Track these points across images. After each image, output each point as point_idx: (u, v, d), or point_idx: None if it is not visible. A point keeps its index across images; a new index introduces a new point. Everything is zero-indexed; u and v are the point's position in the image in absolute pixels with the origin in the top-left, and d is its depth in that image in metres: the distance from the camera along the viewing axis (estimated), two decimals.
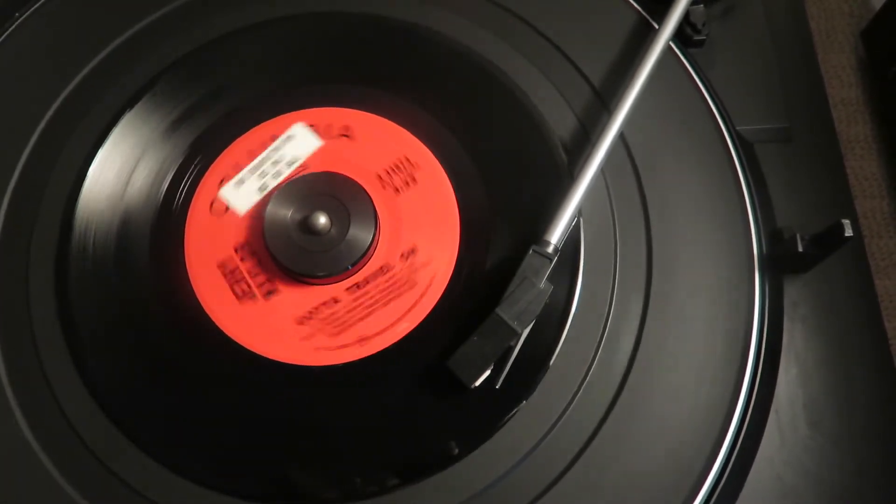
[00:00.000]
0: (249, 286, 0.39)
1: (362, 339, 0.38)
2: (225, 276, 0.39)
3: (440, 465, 0.35)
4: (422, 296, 0.38)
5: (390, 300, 0.38)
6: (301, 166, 0.41)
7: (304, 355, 0.38)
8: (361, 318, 0.38)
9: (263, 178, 0.39)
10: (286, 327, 0.38)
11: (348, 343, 0.38)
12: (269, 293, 0.39)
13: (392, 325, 0.38)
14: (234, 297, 0.39)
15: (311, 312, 0.38)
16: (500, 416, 0.36)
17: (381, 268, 0.39)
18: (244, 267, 0.39)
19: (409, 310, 0.38)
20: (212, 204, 0.40)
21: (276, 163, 0.39)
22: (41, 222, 0.41)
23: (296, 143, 0.39)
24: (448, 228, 0.40)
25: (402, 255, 0.39)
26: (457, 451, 0.36)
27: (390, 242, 0.39)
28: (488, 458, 0.36)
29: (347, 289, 0.39)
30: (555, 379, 0.37)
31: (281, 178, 0.40)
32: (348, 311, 0.38)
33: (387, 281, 0.39)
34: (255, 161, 0.40)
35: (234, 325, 0.38)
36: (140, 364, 0.38)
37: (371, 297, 0.38)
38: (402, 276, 0.39)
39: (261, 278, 0.39)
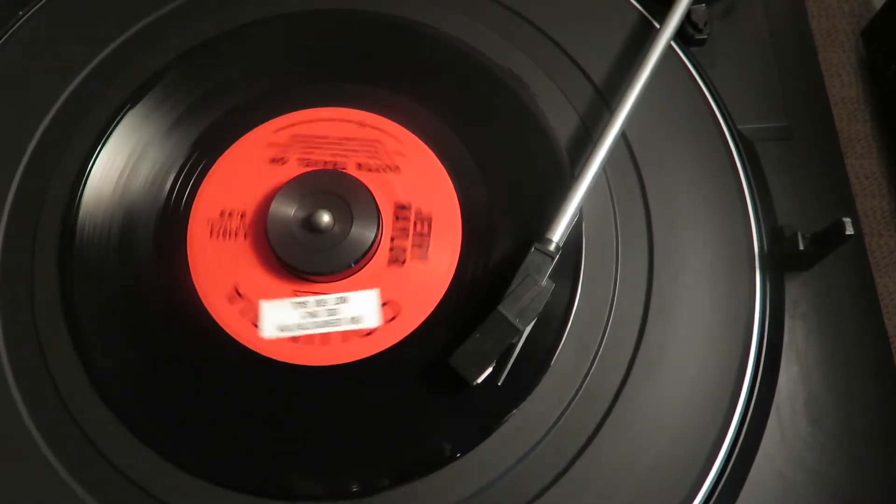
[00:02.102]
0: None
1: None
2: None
3: (442, 463, 0.35)
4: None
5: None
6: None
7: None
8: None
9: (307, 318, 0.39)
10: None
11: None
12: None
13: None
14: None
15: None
16: (502, 414, 0.36)
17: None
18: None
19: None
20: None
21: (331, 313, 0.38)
22: (45, 219, 0.41)
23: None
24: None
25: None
26: (458, 448, 0.36)
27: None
28: (490, 456, 0.36)
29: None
30: (556, 376, 0.37)
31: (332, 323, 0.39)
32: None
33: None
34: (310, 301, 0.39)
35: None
36: (144, 361, 0.38)
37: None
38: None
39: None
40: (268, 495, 0.36)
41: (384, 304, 0.38)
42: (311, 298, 0.38)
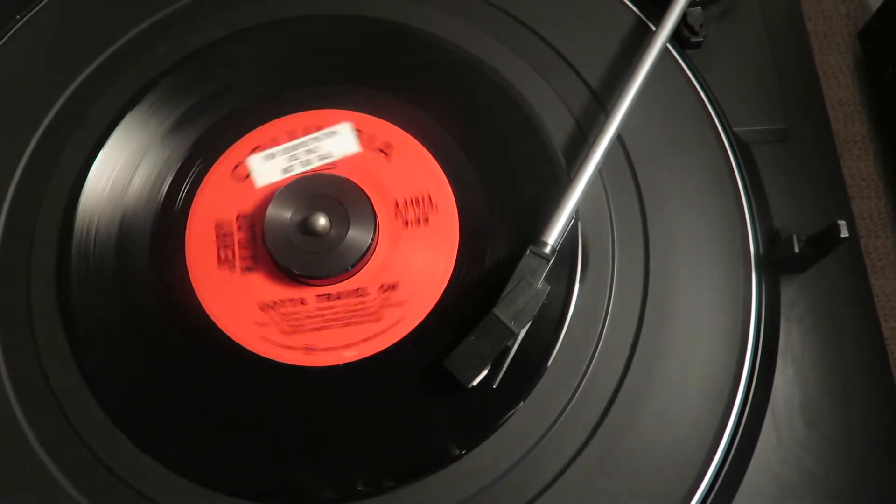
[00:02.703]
0: (234, 255, 0.40)
1: (308, 349, 0.38)
2: (217, 236, 0.40)
3: (438, 466, 0.36)
4: (383, 330, 0.38)
5: (349, 324, 0.38)
6: (330, 164, 0.41)
7: (253, 341, 0.38)
8: (315, 329, 0.38)
9: (292, 161, 0.39)
10: (247, 308, 0.39)
11: (294, 346, 0.38)
12: (247, 269, 0.39)
13: (339, 347, 0.38)
14: (216, 260, 0.40)
15: (274, 303, 0.39)
16: (498, 417, 0.36)
17: (357, 290, 0.39)
18: (237, 236, 0.40)
19: (363, 340, 0.38)
20: (236, 167, 0.40)
21: (309, 151, 0.39)
22: (43, 222, 0.41)
23: (335, 141, 0.39)
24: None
25: (381, 287, 0.39)
26: (454, 451, 0.36)
27: (376, 269, 0.40)
28: (485, 459, 0.36)
29: (318, 296, 0.39)
30: (552, 379, 0.37)
31: (308, 168, 0.41)
32: (308, 317, 0.38)
33: (356, 304, 0.39)
34: (292, 143, 0.40)
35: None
36: (141, 364, 0.38)
37: (334, 313, 0.38)
38: (371, 307, 0.38)
39: (246, 252, 0.40)
40: (266, 498, 0.36)
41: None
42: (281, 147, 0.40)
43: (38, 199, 0.41)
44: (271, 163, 0.40)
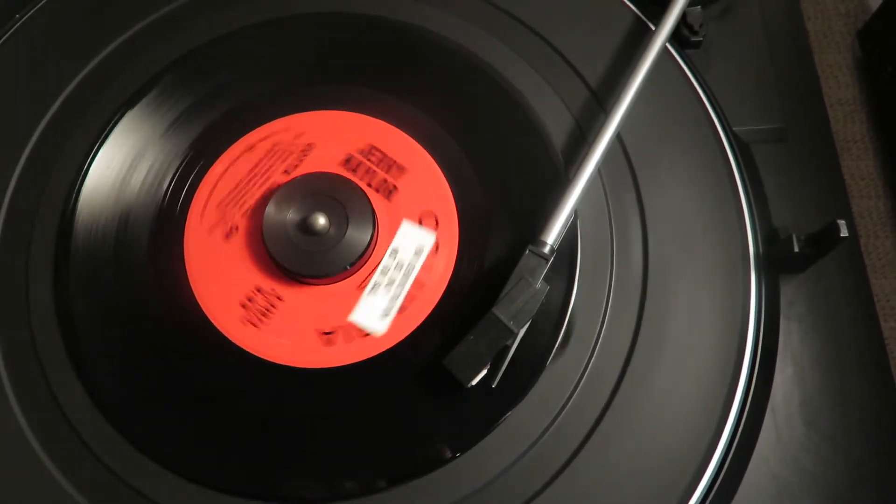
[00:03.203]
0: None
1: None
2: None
3: (436, 465, 0.36)
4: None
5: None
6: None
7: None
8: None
9: (392, 286, 0.38)
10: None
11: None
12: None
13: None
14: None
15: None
16: (497, 416, 0.36)
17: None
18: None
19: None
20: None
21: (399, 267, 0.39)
22: (41, 221, 0.41)
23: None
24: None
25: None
26: (453, 450, 0.36)
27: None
28: (484, 458, 0.36)
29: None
30: (551, 378, 0.37)
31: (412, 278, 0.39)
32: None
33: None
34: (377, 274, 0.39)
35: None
36: (140, 364, 0.38)
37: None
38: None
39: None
40: (266, 498, 0.36)
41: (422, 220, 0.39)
42: (376, 276, 0.39)
43: (38, 198, 0.41)
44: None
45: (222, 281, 0.39)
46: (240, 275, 0.40)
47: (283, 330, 0.38)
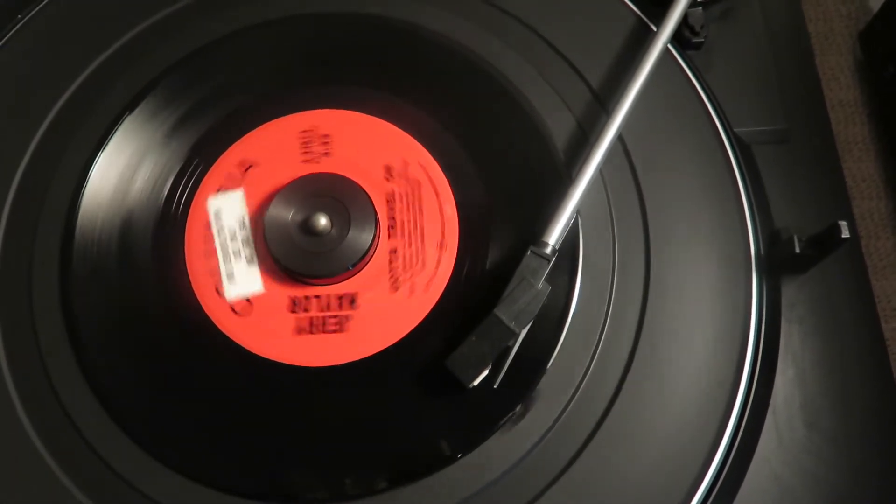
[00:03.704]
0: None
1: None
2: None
3: (438, 466, 0.35)
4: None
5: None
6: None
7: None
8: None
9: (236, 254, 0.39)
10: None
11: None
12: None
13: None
14: None
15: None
16: (499, 417, 0.36)
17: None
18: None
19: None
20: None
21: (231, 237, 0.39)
22: (44, 223, 0.41)
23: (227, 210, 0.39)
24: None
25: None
26: (455, 451, 0.36)
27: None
28: (486, 459, 0.36)
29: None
30: (553, 380, 0.37)
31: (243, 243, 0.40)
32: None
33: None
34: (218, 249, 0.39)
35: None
36: (143, 365, 0.38)
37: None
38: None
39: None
40: (266, 498, 0.36)
41: (247, 301, 0.39)
42: (248, 232, 0.39)
43: (40, 200, 0.41)
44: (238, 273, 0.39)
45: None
46: None
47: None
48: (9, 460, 0.36)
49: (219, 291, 0.39)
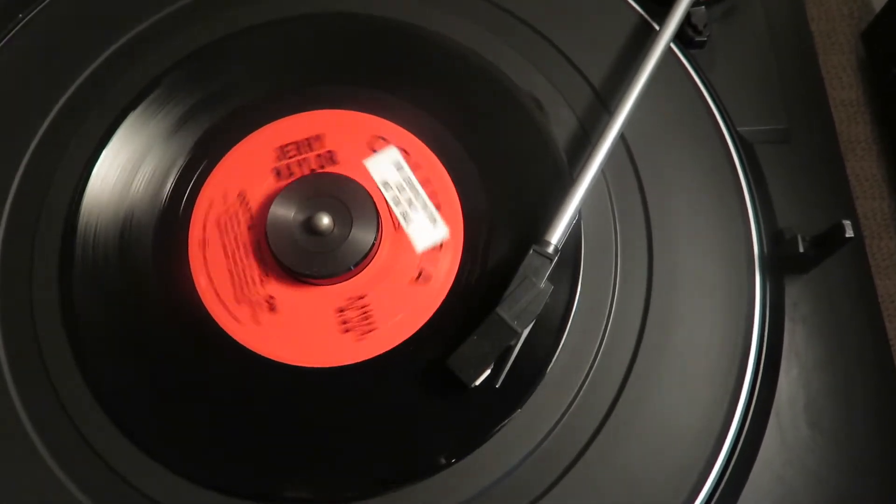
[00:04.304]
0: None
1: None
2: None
3: (440, 466, 0.35)
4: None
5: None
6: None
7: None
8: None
9: (414, 203, 0.39)
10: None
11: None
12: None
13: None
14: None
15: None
16: (501, 417, 0.36)
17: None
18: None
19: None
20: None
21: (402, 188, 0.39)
22: (45, 221, 0.41)
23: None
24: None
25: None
26: (456, 451, 0.36)
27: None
28: (488, 459, 0.36)
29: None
30: (555, 379, 0.37)
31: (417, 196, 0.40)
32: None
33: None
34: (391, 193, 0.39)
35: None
36: (145, 365, 0.38)
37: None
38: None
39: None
40: (264, 499, 0.35)
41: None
42: (398, 210, 0.39)
43: (41, 198, 0.41)
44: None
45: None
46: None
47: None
48: (8, 459, 0.36)
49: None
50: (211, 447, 0.37)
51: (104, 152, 0.42)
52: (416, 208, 0.38)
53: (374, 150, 0.39)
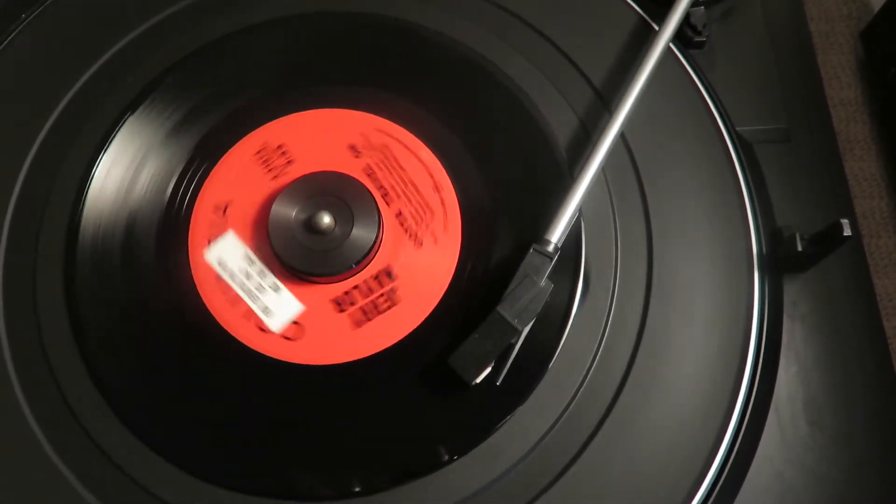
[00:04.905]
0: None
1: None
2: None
3: (441, 464, 0.36)
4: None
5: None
6: None
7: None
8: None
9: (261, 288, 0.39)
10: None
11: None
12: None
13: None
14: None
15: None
16: (502, 415, 0.36)
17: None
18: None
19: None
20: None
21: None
22: (47, 225, 0.41)
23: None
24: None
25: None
26: (457, 449, 0.36)
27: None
28: (489, 457, 0.36)
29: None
30: (555, 377, 0.37)
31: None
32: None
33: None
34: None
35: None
36: (147, 364, 0.38)
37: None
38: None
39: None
40: (268, 495, 0.36)
41: (294, 323, 0.39)
42: (259, 265, 0.39)
43: (43, 199, 0.41)
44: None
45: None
46: None
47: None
48: (15, 461, 0.36)
49: (264, 329, 0.38)
50: (216, 445, 0.37)
51: (105, 156, 0.42)
52: (265, 293, 0.39)
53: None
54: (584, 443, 0.36)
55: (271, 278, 0.38)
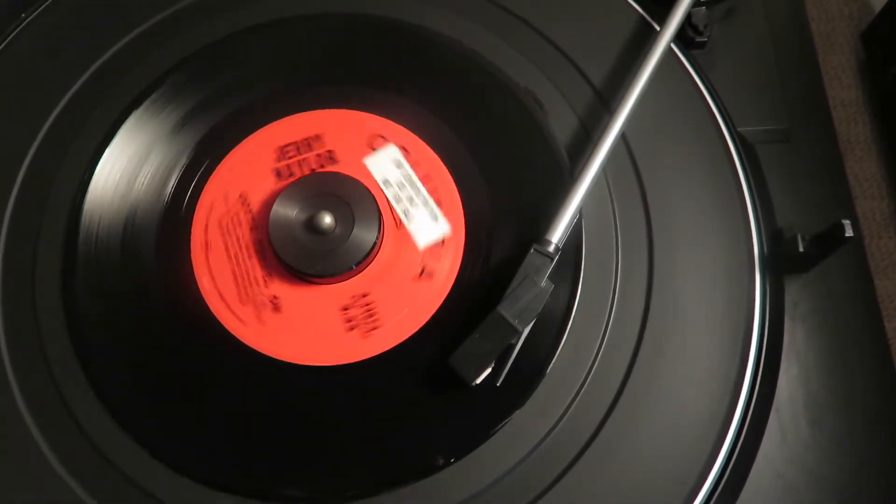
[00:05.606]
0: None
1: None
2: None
3: (441, 465, 0.36)
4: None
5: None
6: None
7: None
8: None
9: (415, 200, 0.39)
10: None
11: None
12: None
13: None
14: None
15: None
16: (502, 415, 0.36)
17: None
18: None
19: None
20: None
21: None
22: (48, 220, 0.41)
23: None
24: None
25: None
26: (457, 449, 0.36)
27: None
28: (489, 457, 0.36)
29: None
30: (556, 378, 0.37)
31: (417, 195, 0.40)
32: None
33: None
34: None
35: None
36: (147, 363, 0.38)
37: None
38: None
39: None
40: (262, 497, 0.36)
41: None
42: (399, 207, 0.39)
43: (44, 196, 0.41)
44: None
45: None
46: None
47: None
48: (12, 461, 0.36)
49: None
50: (216, 446, 0.37)
51: (107, 151, 0.42)
52: (417, 205, 0.39)
53: (374, 149, 0.39)
54: (584, 444, 0.36)
55: (424, 193, 0.38)
